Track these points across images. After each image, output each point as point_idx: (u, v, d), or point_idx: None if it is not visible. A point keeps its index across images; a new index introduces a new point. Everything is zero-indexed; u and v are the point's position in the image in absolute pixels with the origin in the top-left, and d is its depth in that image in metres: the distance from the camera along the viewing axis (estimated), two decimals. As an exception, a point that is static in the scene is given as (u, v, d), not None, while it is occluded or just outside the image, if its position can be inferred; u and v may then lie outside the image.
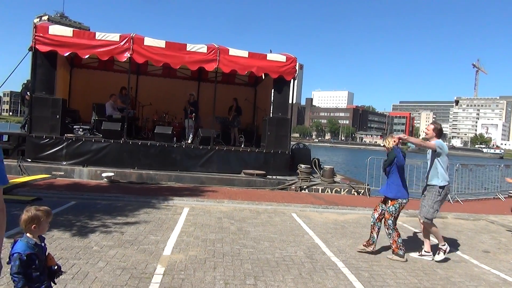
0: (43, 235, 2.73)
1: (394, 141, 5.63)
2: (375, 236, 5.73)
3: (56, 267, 2.74)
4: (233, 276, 4.46)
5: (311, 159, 13.87)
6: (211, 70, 12.26)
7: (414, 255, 5.83)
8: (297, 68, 12.72)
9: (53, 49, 11.03)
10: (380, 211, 5.76)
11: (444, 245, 5.71)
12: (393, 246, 5.62)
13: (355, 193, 11.58)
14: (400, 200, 5.58)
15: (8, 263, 2.59)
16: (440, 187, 5.66)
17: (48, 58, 11.19)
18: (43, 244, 2.69)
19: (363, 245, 5.80)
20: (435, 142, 5.71)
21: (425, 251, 5.81)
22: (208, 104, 13.44)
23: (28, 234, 2.61)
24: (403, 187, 5.63)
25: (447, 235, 7.10)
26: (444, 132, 6.02)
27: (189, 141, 12.91)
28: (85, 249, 4.99)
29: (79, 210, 7.13)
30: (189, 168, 11.81)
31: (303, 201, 9.65)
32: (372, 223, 5.79)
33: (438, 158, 5.69)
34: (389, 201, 5.65)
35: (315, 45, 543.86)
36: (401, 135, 5.74)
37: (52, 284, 2.77)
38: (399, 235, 5.63)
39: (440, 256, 5.67)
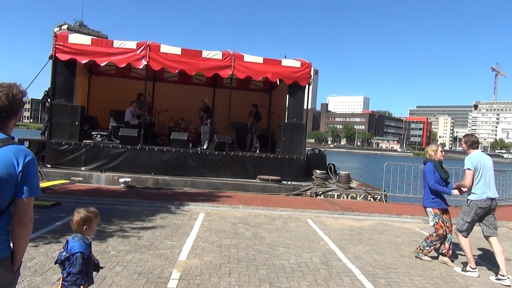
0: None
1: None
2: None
3: (96, 262, 2.89)
4: (248, 282, 4.46)
5: (327, 164, 13.79)
6: (226, 76, 12.34)
7: (457, 269, 5.57)
8: (312, 73, 12.72)
9: (72, 57, 11.31)
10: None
11: (475, 269, 5.40)
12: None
13: (371, 199, 11.45)
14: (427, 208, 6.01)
15: (56, 262, 2.68)
16: (468, 200, 5.54)
17: (68, 66, 11.48)
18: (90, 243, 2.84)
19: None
20: (466, 165, 5.51)
21: (470, 267, 5.48)
22: (223, 110, 13.52)
23: (79, 235, 2.73)
24: (424, 196, 6.04)
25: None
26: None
27: (205, 147, 13.00)
28: (103, 253, 5.06)
29: (97, 215, 7.22)
30: (204, 174, 11.87)
31: (319, 207, 9.60)
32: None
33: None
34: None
35: (330, 50, 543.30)
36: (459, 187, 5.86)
37: None
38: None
39: (459, 269, 5.53)
